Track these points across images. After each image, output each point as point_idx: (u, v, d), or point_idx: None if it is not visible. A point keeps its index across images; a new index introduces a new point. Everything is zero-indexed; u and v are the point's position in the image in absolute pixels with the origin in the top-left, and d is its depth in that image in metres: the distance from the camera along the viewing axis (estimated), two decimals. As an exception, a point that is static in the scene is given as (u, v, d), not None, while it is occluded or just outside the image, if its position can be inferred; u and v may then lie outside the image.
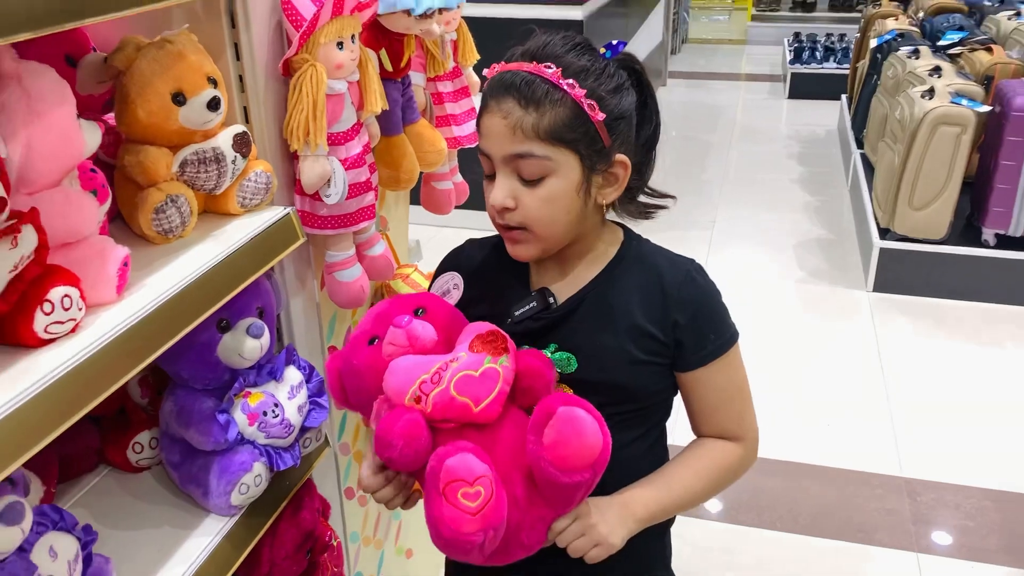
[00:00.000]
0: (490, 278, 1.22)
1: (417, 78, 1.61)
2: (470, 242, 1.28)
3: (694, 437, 1.23)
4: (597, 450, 1.00)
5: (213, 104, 1.09)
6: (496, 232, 1.18)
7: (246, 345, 1.14)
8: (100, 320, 0.93)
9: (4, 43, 0.76)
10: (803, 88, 6.92)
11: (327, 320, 1.47)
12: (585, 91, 1.06)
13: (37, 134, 0.89)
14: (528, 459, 1.01)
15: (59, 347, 0.88)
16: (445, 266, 1.27)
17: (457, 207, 1.81)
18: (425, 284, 1.69)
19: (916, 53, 4.33)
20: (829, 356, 3.43)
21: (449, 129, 1.68)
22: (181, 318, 1.01)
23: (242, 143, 1.15)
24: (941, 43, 4.50)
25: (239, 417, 1.14)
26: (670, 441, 1.26)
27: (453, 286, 1.21)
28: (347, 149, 1.31)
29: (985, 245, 3.71)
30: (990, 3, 5.24)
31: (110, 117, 1.17)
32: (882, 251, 3.82)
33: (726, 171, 5.48)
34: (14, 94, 0.88)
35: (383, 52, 1.44)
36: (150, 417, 1.24)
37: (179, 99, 1.08)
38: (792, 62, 7.06)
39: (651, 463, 1.20)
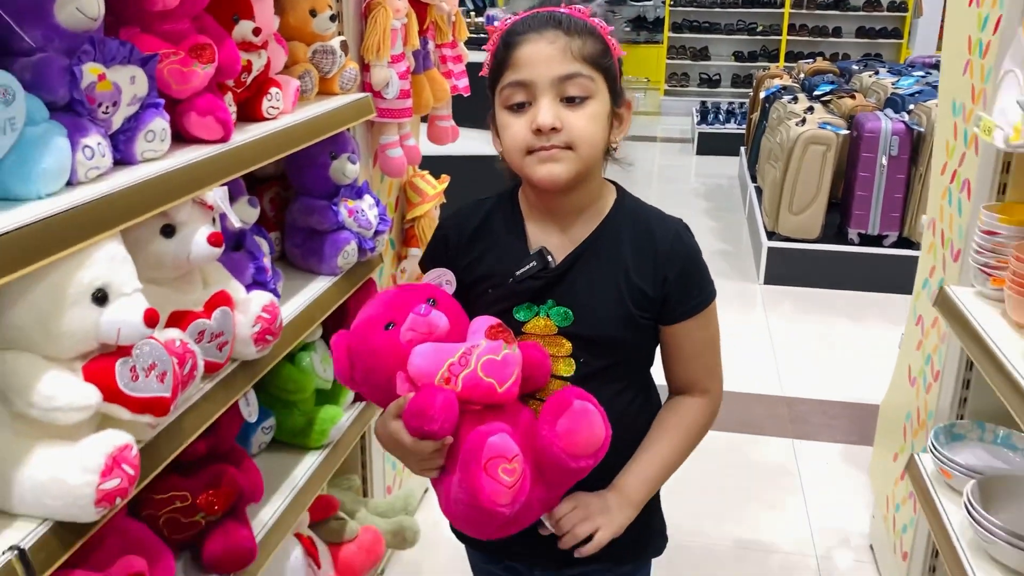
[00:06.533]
0: (490, 239, 1.27)
1: (429, 45, 2.36)
2: (466, 207, 1.32)
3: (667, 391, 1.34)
4: (601, 439, 1.10)
5: (333, 17, 1.80)
6: (485, 197, 1.30)
7: (347, 168, 1.82)
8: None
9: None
10: (708, 145, 7.94)
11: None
12: (609, 30, 1.18)
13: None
14: (540, 444, 1.09)
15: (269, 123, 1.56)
16: (445, 229, 1.32)
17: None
18: (430, 190, 2.39)
19: (795, 99, 5.30)
20: (730, 335, 4.15)
21: (450, 80, 2.42)
22: (307, 134, 1.67)
23: (344, 46, 1.85)
24: (816, 93, 5.49)
25: (342, 211, 1.81)
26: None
27: (446, 281, 1.24)
28: (398, 67, 2.03)
29: (851, 243, 4.59)
30: (856, 67, 6.33)
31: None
32: (769, 250, 4.67)
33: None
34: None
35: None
36: (277, 222, 1.90)
37: (313, 13, 1.78)
38: (699, 123, 8.09)
39: (644, 415, 1.30)
